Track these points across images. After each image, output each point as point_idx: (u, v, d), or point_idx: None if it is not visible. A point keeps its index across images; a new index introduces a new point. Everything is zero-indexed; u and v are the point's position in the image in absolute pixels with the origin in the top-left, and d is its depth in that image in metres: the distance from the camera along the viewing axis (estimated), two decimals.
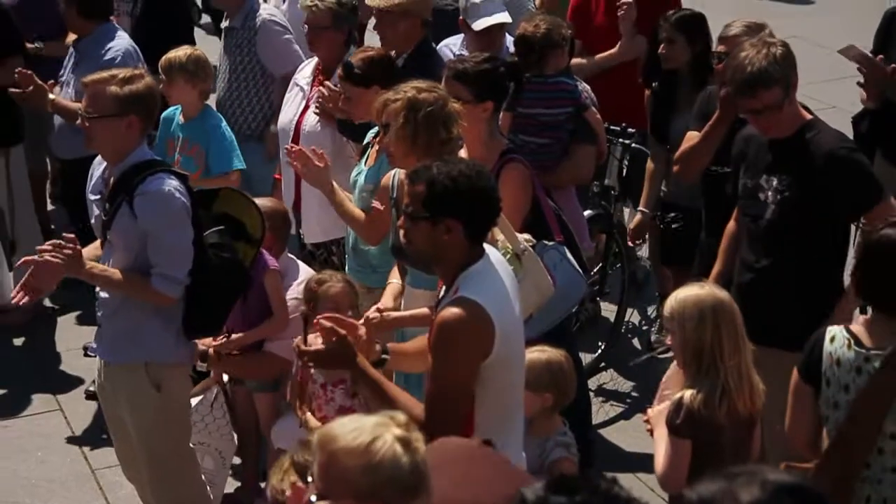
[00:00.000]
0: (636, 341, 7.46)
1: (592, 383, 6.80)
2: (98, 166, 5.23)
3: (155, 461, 5.20)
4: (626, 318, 7.33)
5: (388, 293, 5.29)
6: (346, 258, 5.92)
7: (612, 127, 6.92)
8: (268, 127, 7.33)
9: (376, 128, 5.51)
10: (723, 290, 4.43)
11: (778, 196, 5.09)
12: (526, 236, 5.02)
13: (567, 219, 5.73)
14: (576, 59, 6.98)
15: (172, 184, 4.95)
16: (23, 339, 7.52)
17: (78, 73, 6.79)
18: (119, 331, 5.11)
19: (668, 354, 5.58)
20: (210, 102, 6.81)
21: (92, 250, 5.20)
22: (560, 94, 6.30)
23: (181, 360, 5.20)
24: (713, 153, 5.77)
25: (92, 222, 5.24)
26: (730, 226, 5.48)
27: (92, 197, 5.21)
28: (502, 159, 5.33)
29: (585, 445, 5.53)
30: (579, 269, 5.41)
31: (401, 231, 4.17)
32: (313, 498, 2.94)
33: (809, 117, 5.16)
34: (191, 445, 5.38)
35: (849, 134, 5.81)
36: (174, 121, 6.60)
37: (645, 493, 5.64)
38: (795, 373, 4.28)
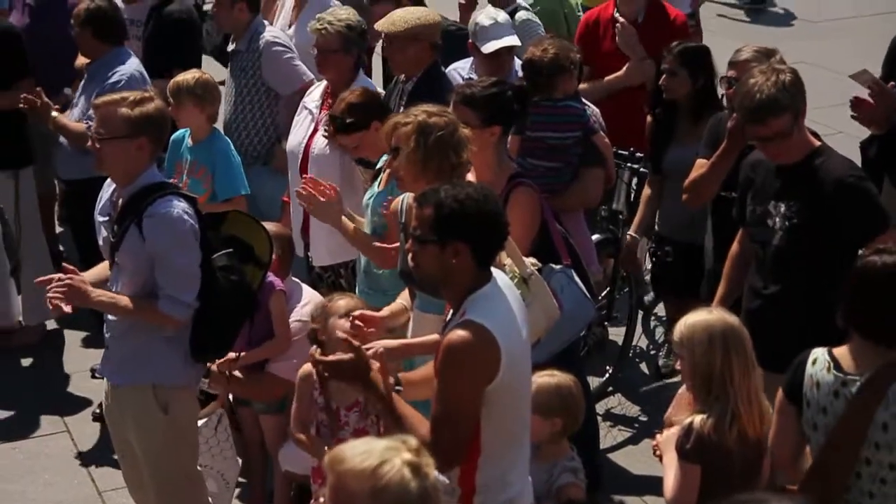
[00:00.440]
0: (644, 366, 7.44)
1: (600, 408, 6.78)
2: (107, 188, 5.24)
3: (162, 484, 5.19)
4: (634, 343, 7.31)
5: (391, 306, 5.26)
6: (357, 281, 5.92)
7: (621, 151, 6.91)
8: (272, 149, 7.35)
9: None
10: (732, 315, 4.43)
11: (786, 222, 5.09)
12: (532, 260, 5.01)
13: (575, 242, 5.73)
14: (584, 84, 6.99)
15: (181, 206, 4.95)
16: (30, 361, 7.52)
17: (85, 96, 6.81)
18: (126, 353, 5.11)
19: (677, 379, 5.57)
20: (217, 125, 6.82)
21: (100, 271, 5.21)
22: (568, 118, 6.30)
23: (189, 383, 5.20)
24: (720, 183, 5.77)
25: (100, 244, 5.24)
26: (733, 248, 5.48)
27: (100, 218, 5.22)
28: (511, 183, 5.33)
29: (593, 470, 5.51)
30: (587, 293, 5.40)
31: (409, 255, 4.17)
32: None
33: (818, 143, 5.16)
34: (198, 468, 5.38)
35: (856, 159, 5.81)
36: (183, 143, 6.62)
37: None
38: (780, 392, 4.28)
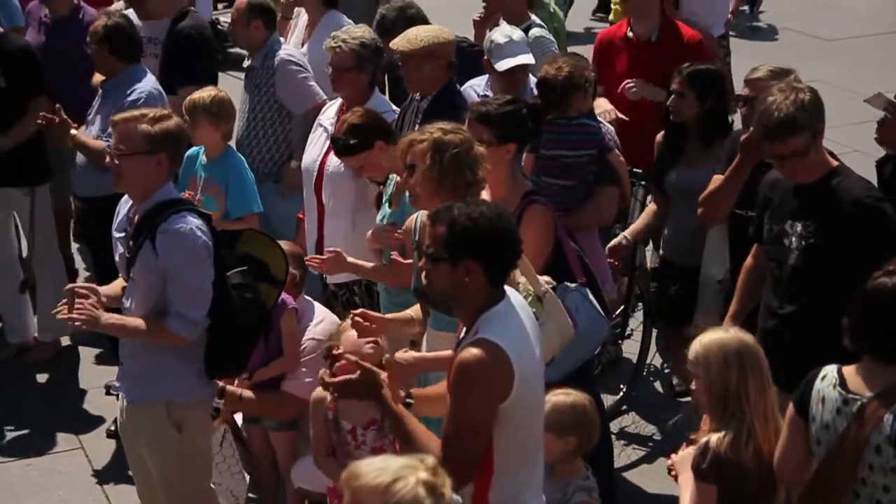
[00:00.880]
0: (658, 384, 7.43)
1: (614, 426, 6.76)
2: (125, 204, 5.25)
3: (175, 500, 5.19)
4: (648, 361, 7.29)
5: (397, 314, 5.36)
6: (380, 297, 5.93)
7: (635, 170, 6.90)
8: (284, 166, 7.35)
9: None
10: (747, 333, 4.42)
11: (802, 242, 5.07)
12: (546, 278, 5.00)
13: (590, 261, 5.71)
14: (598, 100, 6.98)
15: (195, 223, 4.96)
16: (45, 377, 7.53)
17: (103, 113, 6.82)
18: (140, 370, 5.12)
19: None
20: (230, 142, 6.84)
21: (115, 288, 5.22)
22: (583, 136, 6.30)
23: (202, 400, 5.19)
24: (735, 197, 5.76)
25: (117, 260, 5.25)
26: (747, 262, 5.46)
27: (116, 234, 5.22)
28: (525, 201, 5.32)
29: (608, 489, 5.48)
30: (601, 312, 5.39)
31: (422, 272, 4.17)
32: None
33: (836, 164, 5.14)
34: (211, 486, 5.38)
35: (872, 178, 5.79)
36: (197, 159, 6.63)
37: None
38: (791, 405, 4.27)
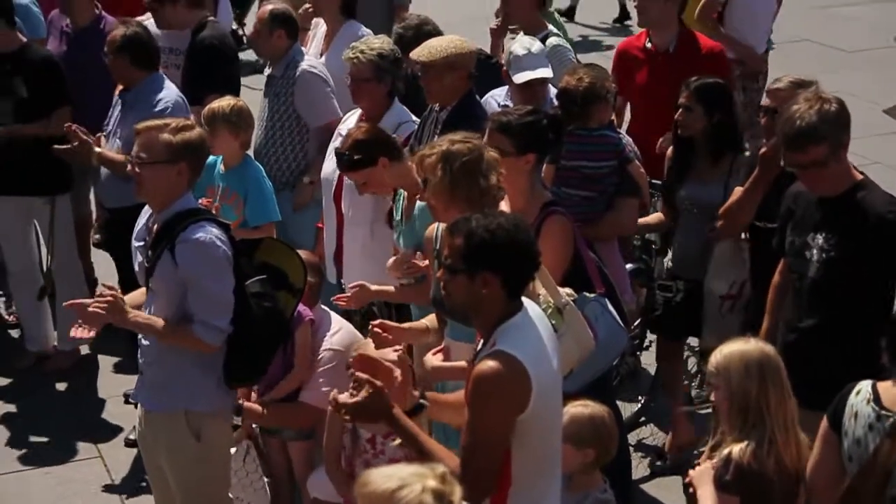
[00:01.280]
0: None
1: (632, 438, 6.74)
2: (145, 213, 5.26)
3: None
4: None
5: (412, 323, 5.40)
6: (412, 308, 5.95)
7: (654, 181, 6.89)
8: (300, 177, 7.37)
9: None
10: (768, 345, 4.41)
11: (823, 255, 5.05)
12: (568, 290, 4.99)
13: (609, 272, 5.70)
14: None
15: (214, 232, 4.97)
16: (64, 386, 7.56)
17: (126, 124, 6.78)
18: (159, 378, 5.13)
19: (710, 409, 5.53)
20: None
21: (136, 297, 5.23)
22: (603, 147, 6.29)
23: (221, 409, 5.20)
24: (754, 211, 5.75)
25: (136, 269, 5.26)
26: (775, 280, 5.44)
27: (136, 244, 5.24)
28: (544, 211, 5.32)
29: (625, 502, 5.47)
30: (621, 322, 5.38)
31: (440, 283, 4.17)
32: None
33: (860, 177, 5.12)
34: (230, 496, 5.37)
35: (893, 191, 5.76)
36: (215, 169, 6.64)
37: None
38: (825, 419, 4.26)
